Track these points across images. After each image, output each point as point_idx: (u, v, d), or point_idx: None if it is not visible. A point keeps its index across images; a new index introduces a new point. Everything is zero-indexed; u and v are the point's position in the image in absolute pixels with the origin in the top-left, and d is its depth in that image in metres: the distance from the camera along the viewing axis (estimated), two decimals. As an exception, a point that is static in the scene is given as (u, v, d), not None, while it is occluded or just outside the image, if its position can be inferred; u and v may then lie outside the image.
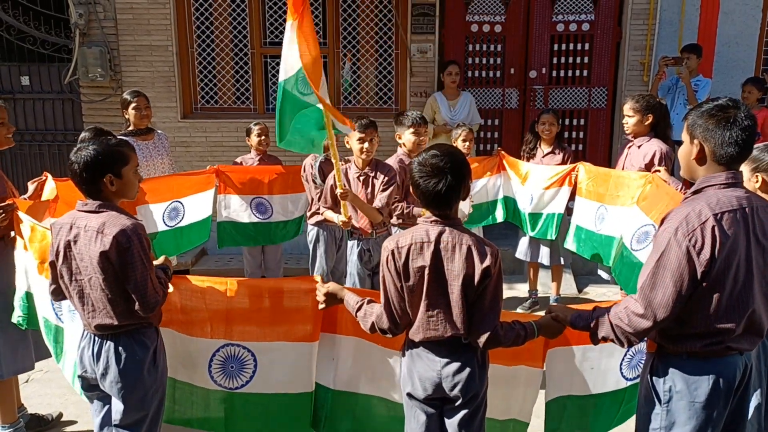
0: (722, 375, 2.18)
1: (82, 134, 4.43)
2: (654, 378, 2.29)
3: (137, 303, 2.50)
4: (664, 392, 2.25)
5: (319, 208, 4.67)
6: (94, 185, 2.55)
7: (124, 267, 2.47)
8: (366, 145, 4.15)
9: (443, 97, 6.51)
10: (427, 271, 2.33)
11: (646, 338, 2.30)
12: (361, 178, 4.25)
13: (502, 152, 5.58)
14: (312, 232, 4.89)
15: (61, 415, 3.91)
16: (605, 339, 2.30)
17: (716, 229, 2.05)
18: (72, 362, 3.04)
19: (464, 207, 4.71)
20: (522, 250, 5.68)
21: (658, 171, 4.31)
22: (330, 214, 4.28)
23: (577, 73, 7.27)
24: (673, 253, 2.08)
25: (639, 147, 4.63)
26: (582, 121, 7.37)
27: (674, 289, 2.08)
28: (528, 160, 5.50)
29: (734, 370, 2.19)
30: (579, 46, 7.16)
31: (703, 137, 2.16)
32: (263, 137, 5.35)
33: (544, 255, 5.54)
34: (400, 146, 4.57)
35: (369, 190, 4.24)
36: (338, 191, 3.97)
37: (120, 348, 2.59)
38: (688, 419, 2.21)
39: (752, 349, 2.25)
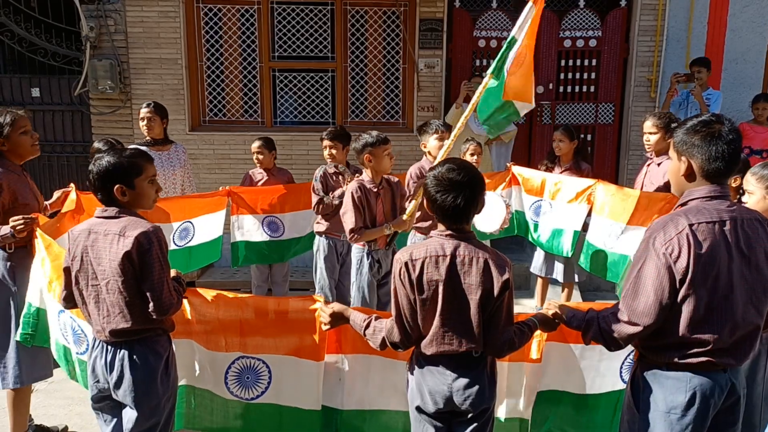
0: (700, 389, 2.15)
1: (94, 145, 4.47)
2: (635, 386, 2.31)
3: (152, 304, 2.50)
4: (642, 401, 2.25)
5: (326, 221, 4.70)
6: (107, 194, 2.58)
7: (143, 267, 2.48)
8: (392, 158, 4.21)
9: None
10: (441, 286, 2.31)
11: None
12: (381, 191, 4.22)
13: (515, 165, 5.55)
14: (316, 241, 4.86)
15: (66, 428, 3.89)
16: (595, 340, 2.35)
17: (691, 237, 2.07)
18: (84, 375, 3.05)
19: (495, 223, 4.63)
20: (537, 265, 5.60)
21: None
22: (372, 231, 4.12)
23: (584, 88, 7.28)
24: (652, 262, 2.12)
25: (659, 165, 4.62)
26: (589, 137, 7.37)
27: (655, 297, 2.11)
28: None
29: (714, 385, 2.16)
30: (586, 62, 7.18)
31: (689, 154, 2.18)
32: (262, 156, 5.24)
33: (559, 271, 5.46)
34: (425, 155, 4.67)
35: (389, 201, 4.26)
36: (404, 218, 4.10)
37: (134, 356, 2.58)
38: (663, 430, 2.19)
39: (739, 365, 2.21)
